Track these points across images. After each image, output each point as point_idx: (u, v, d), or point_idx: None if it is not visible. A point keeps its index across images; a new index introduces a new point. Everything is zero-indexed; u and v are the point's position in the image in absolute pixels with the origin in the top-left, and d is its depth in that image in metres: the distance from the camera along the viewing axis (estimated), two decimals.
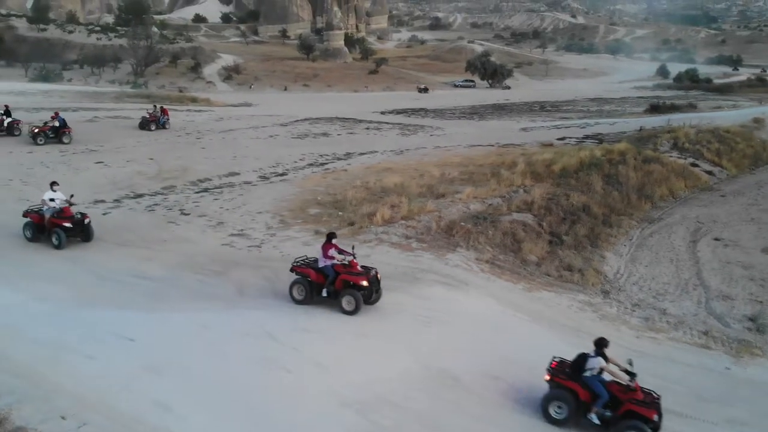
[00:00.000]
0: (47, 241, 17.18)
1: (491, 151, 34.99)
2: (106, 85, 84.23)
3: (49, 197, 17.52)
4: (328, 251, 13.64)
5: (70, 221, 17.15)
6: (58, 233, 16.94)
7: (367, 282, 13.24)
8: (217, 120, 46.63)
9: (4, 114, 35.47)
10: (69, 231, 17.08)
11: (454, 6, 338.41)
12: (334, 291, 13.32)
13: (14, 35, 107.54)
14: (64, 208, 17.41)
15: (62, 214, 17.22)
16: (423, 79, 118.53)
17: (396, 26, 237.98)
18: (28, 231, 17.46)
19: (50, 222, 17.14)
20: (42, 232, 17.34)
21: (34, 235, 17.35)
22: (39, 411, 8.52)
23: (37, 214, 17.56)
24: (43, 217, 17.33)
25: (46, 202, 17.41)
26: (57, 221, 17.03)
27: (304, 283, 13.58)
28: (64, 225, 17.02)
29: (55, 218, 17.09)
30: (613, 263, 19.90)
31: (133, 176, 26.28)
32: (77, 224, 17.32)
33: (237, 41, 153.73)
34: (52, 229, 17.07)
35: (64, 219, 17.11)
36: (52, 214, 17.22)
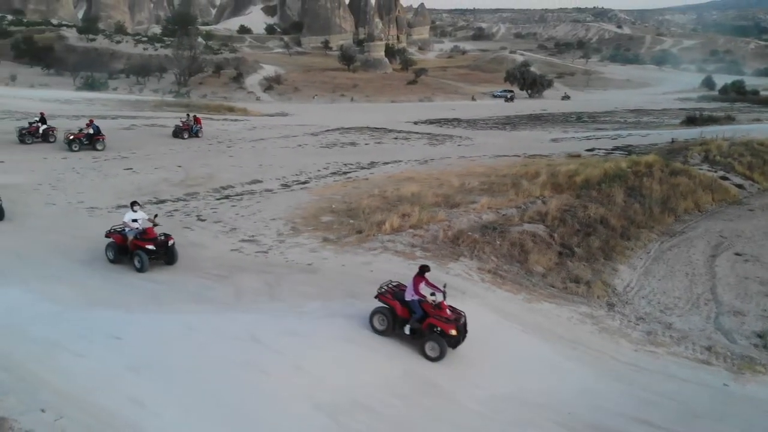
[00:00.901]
0: (129, 263, 16.41)
1: (516, 161, 34.83)
2: (149, 94, 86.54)
3: (132, 218, 16.79)
4: (418, 286, 12.69)
5: (153, 243, 16.29)
6: (140, 256, 16.11)
7: (455, 332, 12.24)
8: (250, 129, 47.57)
9: (40, 121, 36.93)
10: (152, 253, 16.24)
11: (498, 16, 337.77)
12: (420, 331, 12.46)
13: (64, 45, 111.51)
14: (147, 229, 16.56)
15: (145, 236, 16.37)
16: (462, 89, 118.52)
17: (439, 37, 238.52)
18: (110, 252, 16.76)
19: (133, 244, 16.37)
20: (124, 253, 16.61)
21: (116, 256, 16.66)
22: (21, 403, 8.97)
23: (120, 234, 16.83)
24: (126, 238, 16.61)
25: (128, 224, 16.69)
26: (140, 243, 16.23)
27: (387, 315, 12.75)
28: (147, 247, 16.19)
29: (138, 240, 16.30)
30: (625, 276, 19.67)
31: (158, 183, 27.06)
32: (161, 246, 16.41)
33: (280, 52, 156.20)
34: (134, 251, 16.29)
35: (147, 241, 16.27)
36: (134, 235, 16.45)
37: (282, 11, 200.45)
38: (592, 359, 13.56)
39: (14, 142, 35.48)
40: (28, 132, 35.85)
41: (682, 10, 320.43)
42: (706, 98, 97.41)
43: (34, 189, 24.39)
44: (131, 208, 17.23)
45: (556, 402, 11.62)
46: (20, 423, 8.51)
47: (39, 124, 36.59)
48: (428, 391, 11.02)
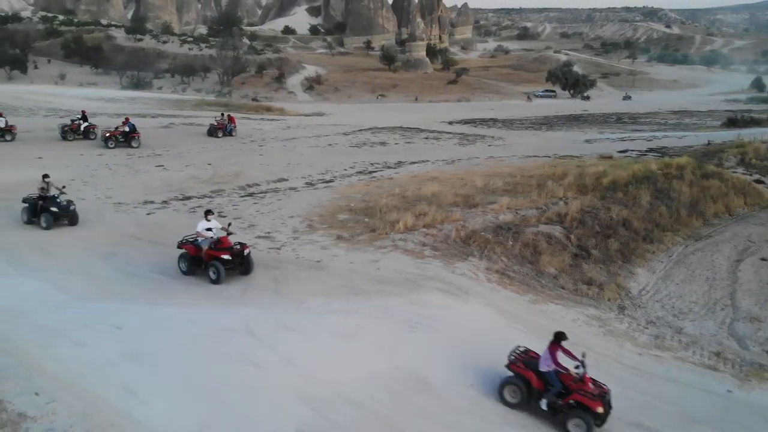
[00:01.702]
0: (203, 274, 15.76)
1: (546, 162, 34.48)
2: (192, 93, 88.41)
3: (205, 227, 16.13)
4: (556, 355, 11.26)
5: (229, 253, 15.58)
6: (216, 266, 15.36)
7: (602, 409, 10.89)
8: (285, 129, 48.26)
9: (81, 119, 38.26)
10: (228, 264, 15.51)
11: (545, 16, 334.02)
12: (558, 406, 11.03)
13: (112, 45, 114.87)
14: (221, 238, 15.89)
15: (220, 245, 15.68)
16: (504, 89, 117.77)
17: (483, 36, 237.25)
18: (183, 264, 16.09)
19: (208, 254, 15.66)
20: (198, 265, 15.92)
21: (189, 268, 15.97)
22: (17, 386, 9.44)
23: (193, 245, 16.16)
24: (200, 248, 15.92)
25: (202, 233, 16.06)
26: (215, 253, 15.50)
27: (520, 386, 11.29)
28: (223, 257, 15.46)
29: (213, 250, 15.57)
30: (642, 279, 19.42)
31: (187, 180, 27.75)
32: (236, 256, 15.68)
33: (323, 52, 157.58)
34: (209, 261, 15.59)
35: (222, 251, 15.56)
36: (209, 245, 15.75)
37: (326, 12, 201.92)
38: (592, 362, 13.30)
39: (57, 139, 36.86)
40: (70, 129, 37.19)
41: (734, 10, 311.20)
42: (755, 100, 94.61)
43: (67, 184, 25.16)
44: (205, 217, 16.44)
45: None
46: (14, 405, 8.95)
47: (80, 122, 37.93)
48: (418, 388, 11.13)
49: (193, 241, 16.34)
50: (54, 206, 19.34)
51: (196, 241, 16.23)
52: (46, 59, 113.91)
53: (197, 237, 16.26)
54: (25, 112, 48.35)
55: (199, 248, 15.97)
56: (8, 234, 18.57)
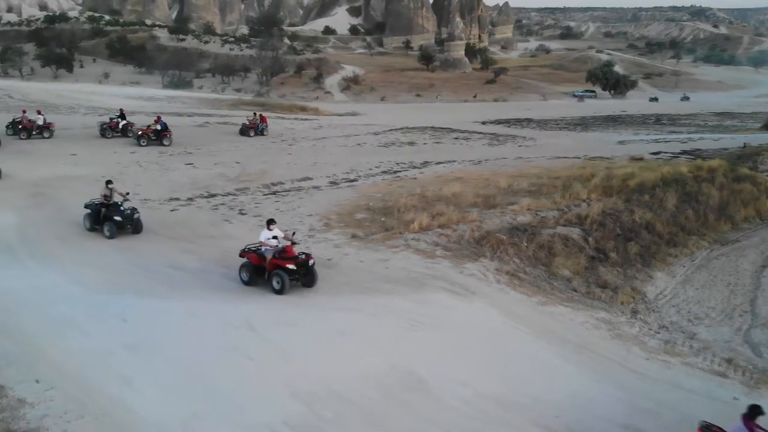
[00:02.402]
0: (266, 285, 15.13)
1: (575, 163, 34.11)
2: (231, 93, 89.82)
3: (268, 236, 15.39)
4: None
5: (294, 262, 14.85)
6: (280, 276, 14.76)
7: None
8: (316, 128, 48.73)
9: (120, 117, 39.33)
10: (293, 273, 14.83)
11: (589, 15, 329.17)
12: None
13: (156, 44, 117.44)
14: (286, 247, 15.17)
15: (285, 255, 14.97)
16: (543, 89, 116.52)
17: (525, 36, 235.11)
18: (245, 273, 15.48)
19: (272, 263, 15.00)
20: (260, 274, 15.32)
21: (251, 277, 15.39)
22: (20, 373, 9.88)
23: (256, 254, 15.58)
24: (263, 258, 15.32)
25: (266, 242, 15.30)
26: (280, 263, 14.83)
27: None
28: (288, 267, 14.75)
29: (278, 259, 14.93)
30: (660, 283, 19.13)
31: (214, 178, 28.28)
32: (301, 266, 14.97)
33: (362, 52, 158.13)
34: (273, 271, 14.94)
35: (287, 260, 14.87)
36: (273, 254, 15.10)
37: (366, 12, 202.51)
38: (595, 364, 13.33)
39: (95, 136, 37.98)
40: (109, 127, 38.30)
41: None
42: None
43: (96, 180, 25.91)
44: (267, 226, 15.63)
45: (544, 405, 11.52)
46: (15, 391, 9.39)
47: (118, 120, 39.00)
48: (411, 386, 11.20)
49: (255, 249, 15.69)
50: (118, 214, 18.61)
51: (258, 250, 15.54)
52: (91, 58, 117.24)
53: (260, 246, 15.58)
54: (66, 110, 49.86)
55: (263, 257, 15.34)
56: (34, 228, 19.20)
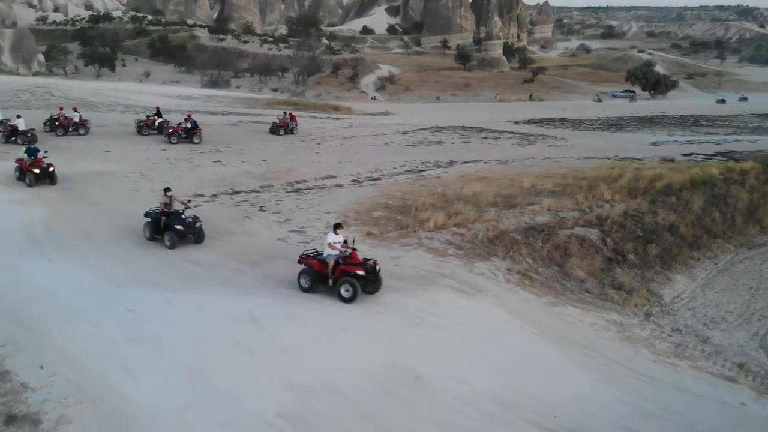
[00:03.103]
0: (329, 292, 14.51)
1: (604, 164, 33.69)
2: (268, 92, 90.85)
3: (334, 240, 14.64)
4: None
5: (363, 269, 14.20)
6: (351, 283, 14.06)
7: None
8: (346, 127, 49.04)
9: (156, 115, 40.23)
10: (362, 280, 14.19)
11: (632, 14, 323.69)
12: None
13: (196, 44, 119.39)
14: (352, 253, 14.47)
15: (352, 261, 14.28)
16: (582, 88, 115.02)
17: (565, 35, 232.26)
18: (305, 280, 14.80)
19: (339, 270, 14.34)
20: (322, 281, 14.66)
21: (312, 285, 14.73)
22: (26, 359, 10.32)
23: (317, 259, 14.83)
24: (325, 264, 14.60)
25: (333, 246, 14.59)
26: (349, 269, 14.18)
27: None
28: (358, 273, 14.12)
29: (346, 265, 14.27)
30: (679, 286, 18.86)
31: (240, 175, 28.74)
32: (370, 272, 14.33)
33: (399, 52, 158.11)
34: (340, 278, 14.27)
35: (356, 266, 14.20)
36: (338, 260, 14.43)
37: (405, 11, 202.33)
38: (599, 366, 13.24)
39: (132, 133, 38.94)
40: (145, 124, 39.23)
41: None
42: None
43: (126, 176, 26.72)
44: (334, 230, 14.89)
45: (543, 404, 11.50)
46: (19, 376, 9.81)
47: (155, 118, 39.90)
48: (408, 383, 11.30)
49: (316, 255, 15.01)
50: (179, 223, 17.65)
51: (319, 256, 14.86)
52: (134, 58, 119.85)
53: (317, 251, 15.08)
54: (104, 108, 51.11)
55: (325, 263, 14.62)
56: (62, 222, 19.84)
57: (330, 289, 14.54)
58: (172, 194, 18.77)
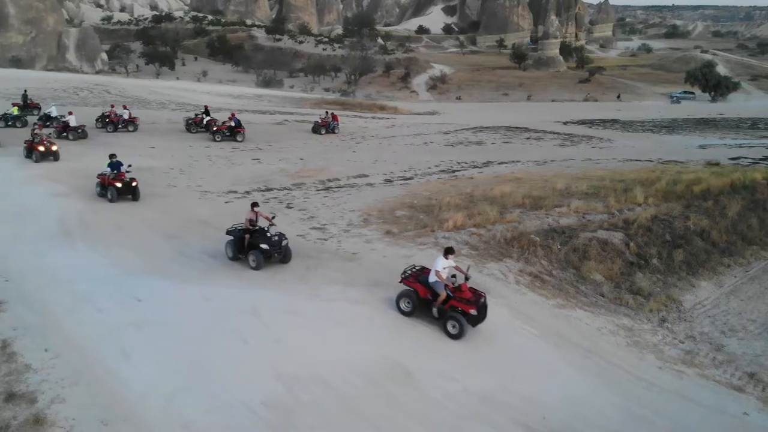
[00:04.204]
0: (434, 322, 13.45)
1: (645, 167, 32.98)
2: (320, 92, 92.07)
3: (445, 266, 13.44)
4: None
5: (476, 306, 13.03)
6: (458, 321, 13.00)
7: None
8: (389, 127, 49.34)
9: (204, 113, 41.50)
10: (473, 320, 13.12)
11: (699, 13, 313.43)
12: None
13: (253, 44, 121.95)
14: (462, 285, 13.35)
15: (463, 295, 13.14)
16: (639, 89, 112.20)
17: (627, 34, 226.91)
18: (406, 303, 13.70)
19: (450, 303, 13.17)
20: (426, 306, 13.56)
21: (412, 309, 13.67)
22: (33, 342, 10.97)
23: (421, 283, 13.73)
24: (432, 290, 13.48)
25: (440, 275, 13.31)
26: (459, 305, 13.09)
27: None
28: (471, 313, 13.11)
29: (457, 300, 13.16)
30: (702, 293, 18.37)
31: (275, 173, 29.41)
32: (481, 309, 13.22)
33: (454, 51, 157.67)
34: (447, 311, 13.17)
35: (468, 303, 13.05)
36: (446, 290, 13.28)
37: (461, 11, 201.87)
38: (600, 370, 13.12)
39: (180, 131, 40.31)
40: (193, 122, 40.53)
41: None
42: None
43: (165, 172, 27.70)
44: (444, 255, 13.50)
45: (533, 405, 11.51)
46: (24, 357, 10.49)
47: (203, 116, 41.18)
48: (397, 378, 11.48)
49: (418, 275, 13.92)
50: (265, 242, 16.23)
51: (427, 281, 13.60)
52: (193, 57, 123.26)
53: (423, 271, 13.96)
54: (156, 105, 52.91)
55: (431, 290, 13.48)
56: (95, 214, 20.78)
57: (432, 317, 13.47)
58: (258, 210, 17.04)
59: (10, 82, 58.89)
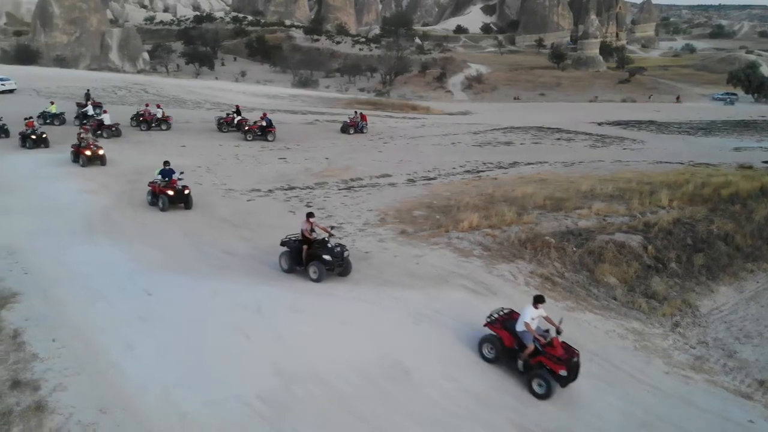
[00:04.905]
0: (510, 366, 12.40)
1: (675, 169, 32.45)
2: (355, 92, 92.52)
3: (534, 317, 12.26)
4: None
5: (566, 366, 11.72)
6: (546, 380, 11.74)
7: None
8: (418, 127, 49.37)
9: (235, 112, 42.21)
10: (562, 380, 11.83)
11: (746, 13, 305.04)
12: None
13: (291, 45, 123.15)
14: (554, 340, 12.01)
15: (554, 352, 11.85)
16: (681, 90, 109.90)
17: (671, 34, 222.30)
18: (489, 349, 12.66)
19: (536, 358, 11.97)
20: (510, 356, 12.41)
21: (495, 356, 12.58)
22: (43, 332, 11.44)
23: (507, 330, 12.57)
24: (518, 339, 12.38)
25: (529, 326, 12.10)
26: (548, 363, 11.79)
27: None
28: (560, 373, 11.72)
29: (545, 357, 11.86)
30: (721, 298, 18.05)
31: (299, 172, 29.76)
32: (572, 369, 11.87)
33: (492, 51, 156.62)
34: (534, 366, 11.99)
35: (558, 362, 11.75)
36: (536, 343, 12.02)
37: (501, 10, 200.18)
38: (603, 373, 13.03)
39: (212, 130, 41.08)
40: (225, 121, 41.26)
41: None
42: None
43: (192, 170, 28.20)
44: (534, 304, 12.27)
45: (530, 407, 11.53)
46: (32, 347, 10.96)
47: (234, 115, 41.88)
48: (394, 376, 11.60)
49: (505, 321, 12.85)
50: (327, 253, 15.39)
51: (514, 329, 12.48)
52: (232, 57, 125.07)
53: (515, 319, 12.64)
54: (192, 105, 53.91)
55: (518, 339, 12.39)
56: (119, 210, 21.39)
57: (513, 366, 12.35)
58: (314, 220, 16.20)
59: (52, 80, 60.81)
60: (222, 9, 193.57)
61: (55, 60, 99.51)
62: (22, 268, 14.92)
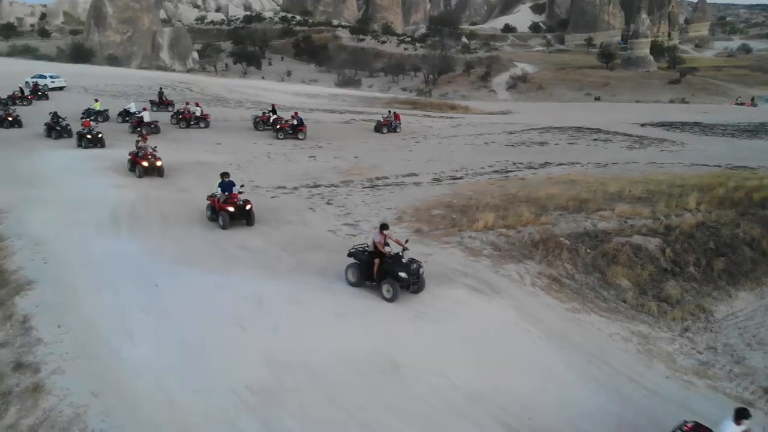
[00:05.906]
0: None
1: (710, 172, 31.62)
2: (397, 92, 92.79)
3: None
4: None
5: None
6: None
7: None
8: (453, 127, 49.28)
9: (271, 111, 42.96)
10: None
11: None
12: None
13: (337, 44, 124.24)
14: None
15: None
16: (733, 91, 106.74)
17: (727, 34, 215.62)
18: None
19: None
20: None
21: None
22: (50, 319, 12.05)
23: None
24: None
25: None
26: None
27: None
28: None
29: None
30: (739, 303, 17.67)
31: (326, 170, 30.15)
32: None
33: (540, 50, 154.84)
34: None
35: None
36: None
37: (550, 9, 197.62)
38: (601, 376, 12.96)
39: (249, 128, 41.94)
40: (261, 120, 42.04)
41: None
42: None
43: (220, 169, 28.80)
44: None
45: (520, 406, 11.56)
46: (38, 332, 11.59)
47: (270, 114, 42.63)
48: (384, 370, 11.79)
49: None
50: (402, 270, 14.54)
51: None
52: (280, 57, 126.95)
53: None
54: (233, 103, 55.02)
55: None
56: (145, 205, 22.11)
57: None
58: (387, 232, 15.20)
59: (100, 79, 62.90)
60: (272, 9, 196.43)
61: (108, 59, 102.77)
62: (42, 258, 15.67)
